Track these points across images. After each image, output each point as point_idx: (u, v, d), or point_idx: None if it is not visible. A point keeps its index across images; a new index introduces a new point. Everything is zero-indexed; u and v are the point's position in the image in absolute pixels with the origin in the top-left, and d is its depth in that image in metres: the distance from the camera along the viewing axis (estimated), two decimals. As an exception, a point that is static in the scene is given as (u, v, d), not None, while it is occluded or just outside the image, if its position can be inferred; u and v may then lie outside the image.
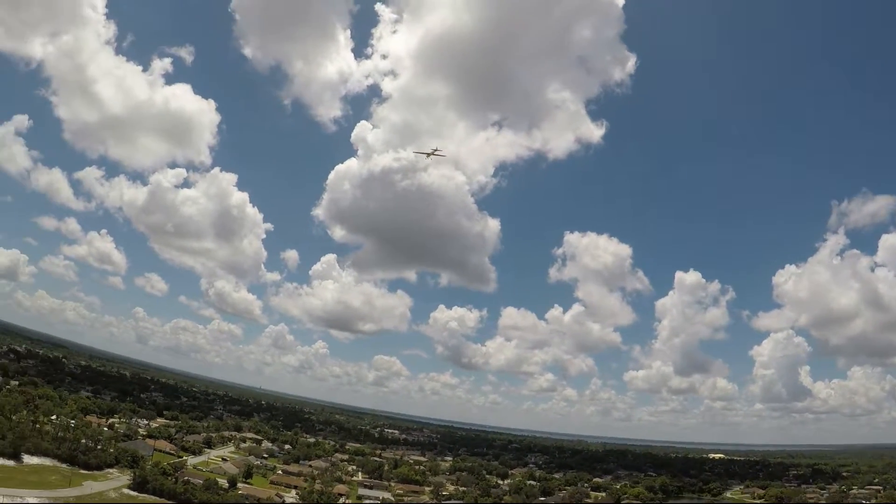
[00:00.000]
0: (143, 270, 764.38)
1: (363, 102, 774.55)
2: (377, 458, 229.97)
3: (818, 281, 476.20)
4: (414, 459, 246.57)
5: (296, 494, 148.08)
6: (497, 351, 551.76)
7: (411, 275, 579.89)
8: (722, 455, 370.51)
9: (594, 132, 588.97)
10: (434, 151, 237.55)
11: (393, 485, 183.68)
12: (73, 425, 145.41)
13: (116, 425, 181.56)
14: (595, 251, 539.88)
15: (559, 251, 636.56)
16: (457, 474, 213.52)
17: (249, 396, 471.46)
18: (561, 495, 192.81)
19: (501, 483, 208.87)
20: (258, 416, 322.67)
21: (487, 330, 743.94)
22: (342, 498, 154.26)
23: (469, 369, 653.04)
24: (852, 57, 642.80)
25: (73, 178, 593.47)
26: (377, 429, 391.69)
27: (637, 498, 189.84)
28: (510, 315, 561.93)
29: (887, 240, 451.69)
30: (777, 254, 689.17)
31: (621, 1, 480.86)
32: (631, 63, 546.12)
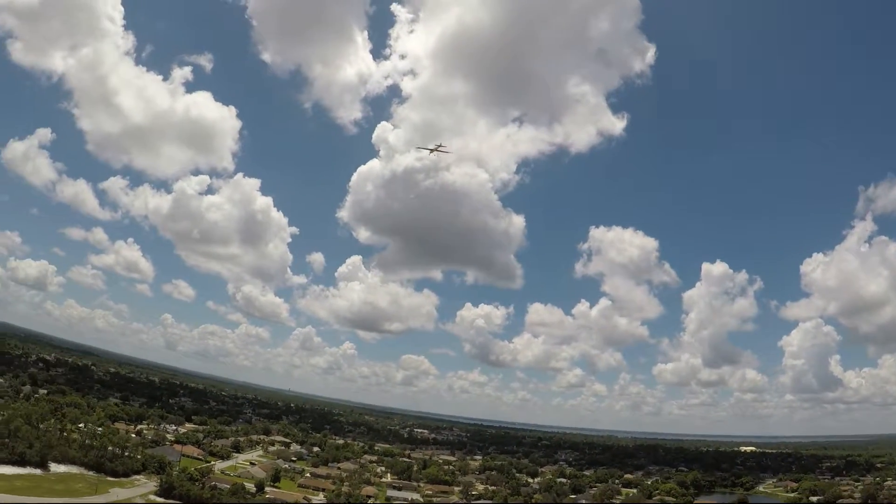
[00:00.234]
0: (171, 277, 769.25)
1: (383, 103, 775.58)
2: (406, 459, 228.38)
3: (846, 268, 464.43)
4: (443, 459, 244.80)
5: (324, 497, 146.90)
6: (525, 347, 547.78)
7: (437, 274, 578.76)
8: (753, 448, 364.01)
9: (616, 125, 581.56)
10: (438, 147, 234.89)
11: (422, 485, 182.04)
12: (100, 433, 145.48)
13: (144, 431, 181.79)
14: (621, 245, 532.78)
15: (584, 246, 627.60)
16: (486, 473, 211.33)
17: (278, 399, 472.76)
18: (591, 493, 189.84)
19: (531, 481, 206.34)
20: (287, 419, 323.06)
21: (514, 327, 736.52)
22: (371, 500, 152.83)
23: (497, 367, 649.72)
24: (876, 40, 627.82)
25: (99, 189, 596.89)
26: (406, 429, 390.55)
27: (669, 494, 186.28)
28: (537, 311, 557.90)
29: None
30: (804, 242, 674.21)
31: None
32: (650, 54, 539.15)
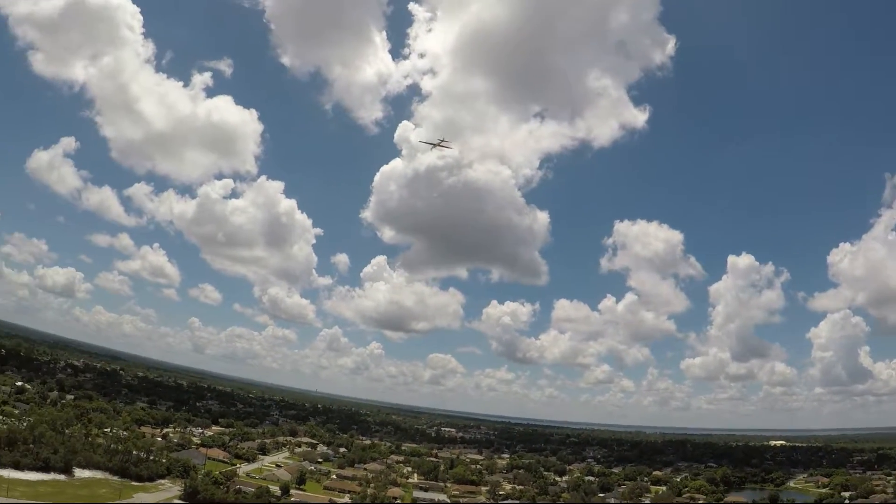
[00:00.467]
0: (197, 281, 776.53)
1: (404, 102, 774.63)
2: (433, 459, 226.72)
3: (874, 258, 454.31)
4: (470, 458, 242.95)
5: (349, 499, 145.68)
6: (551, 344, 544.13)
7: (462, 272, 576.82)
8: (783, 442, 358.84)
9: (638, 118, 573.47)
10: (441, 142, 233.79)
11: (449, 486, 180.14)
12: (125, 437, 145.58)
13: (170, 435, 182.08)
14: (646, 239, 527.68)
15: (609, 241, 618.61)
16: (514, 472, 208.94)
17: (306, 400, 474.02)
18: (620, 491, 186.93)
19: (559, 480, 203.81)
20: (314, 420, 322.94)
21: (541, 323, 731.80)
22: (397, 501, 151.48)
23: (524, 364, 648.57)
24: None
25: (123, 195, 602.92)
26: (434, 428, 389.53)
27: (699, 491, 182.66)
28: (563, 307, 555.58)
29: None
30: (830, 232, 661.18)
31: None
32: (671, 45, 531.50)
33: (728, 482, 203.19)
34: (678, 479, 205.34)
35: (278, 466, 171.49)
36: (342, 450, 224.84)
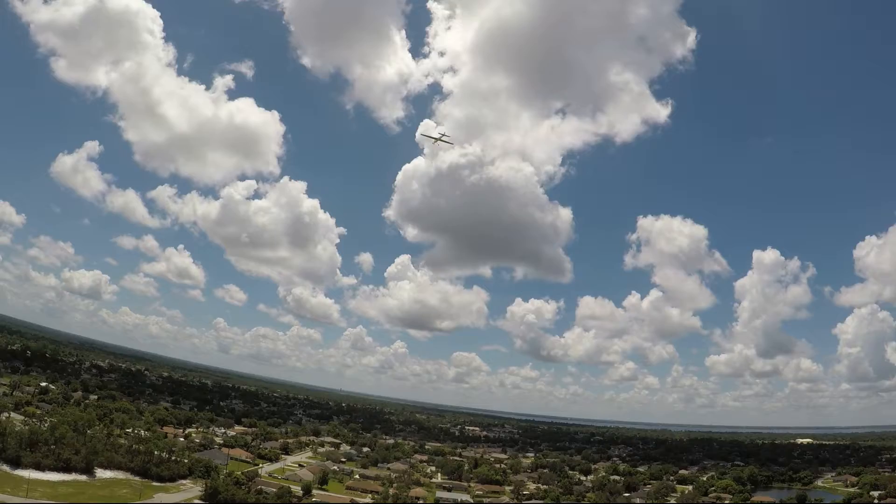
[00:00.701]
0: (222, 282, 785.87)
1: (425, 101, 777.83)
2: (457, 458, 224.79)
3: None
4: (494, 457, 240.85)
5: (371, 500, 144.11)
6: (576, 342, 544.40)
7: (486, 270, 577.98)
8: (810, 440, 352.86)
9: (660, 112, 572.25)
10: (441, 137, 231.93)
11: (472, 485, 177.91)
12: (147, 437, 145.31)
13: (193, 435, 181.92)
14: (670, 234, 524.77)
15: (633, 237, 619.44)
16: (538, 471, 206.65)
17: (330, 399, 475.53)
18: (646, 490, 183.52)
19: (584, 479, 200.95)
20: (337, 420, 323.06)
21: (565, 321, 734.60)
22: (420, 501, 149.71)
23: (549, 361, 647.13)
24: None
25: (147, 198, 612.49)
26: (458, 426, 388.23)
27: (725, 491, 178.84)
28: (587, 304, 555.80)
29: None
30: (856, 225, 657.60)
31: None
32: (691, 38, 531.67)
33: (755, 481, 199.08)
34: (704, 478, 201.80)
35: (301, 466, 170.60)
36: (365, 449, 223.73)
